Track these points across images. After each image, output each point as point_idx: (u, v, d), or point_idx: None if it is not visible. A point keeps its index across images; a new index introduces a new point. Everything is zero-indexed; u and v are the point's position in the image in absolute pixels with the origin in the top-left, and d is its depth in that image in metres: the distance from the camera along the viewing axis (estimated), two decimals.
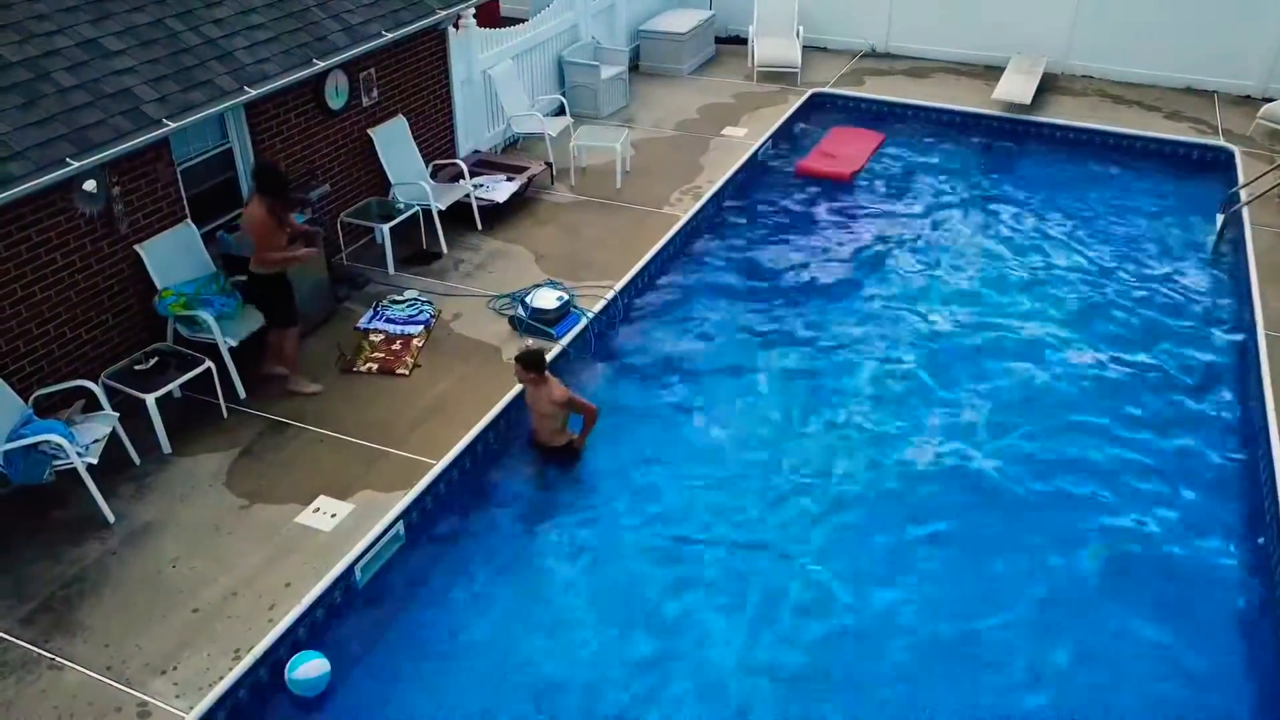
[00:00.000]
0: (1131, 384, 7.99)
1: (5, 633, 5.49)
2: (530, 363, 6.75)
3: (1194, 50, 12.79)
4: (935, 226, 10.35)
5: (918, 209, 10.69)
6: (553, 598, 6.15)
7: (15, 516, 6.19)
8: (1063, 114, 12.38)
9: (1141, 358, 8.29)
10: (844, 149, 11.77)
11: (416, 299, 8.46)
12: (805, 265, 9.67)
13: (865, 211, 10.64)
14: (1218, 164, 11.40)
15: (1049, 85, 13.07)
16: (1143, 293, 9.20)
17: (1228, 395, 7.88)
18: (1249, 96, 12.71)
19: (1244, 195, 10.13)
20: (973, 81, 13.35)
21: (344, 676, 5.51)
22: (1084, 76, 13.50)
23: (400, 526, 6.29)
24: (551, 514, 6.77)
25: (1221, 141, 11.61)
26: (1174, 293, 9.20)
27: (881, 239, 10.09)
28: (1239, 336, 8.51)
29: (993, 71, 13.38)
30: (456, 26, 9.95)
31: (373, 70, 8.99)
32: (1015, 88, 12.43)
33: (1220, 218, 10.13)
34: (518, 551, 6.46)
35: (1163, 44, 12.89)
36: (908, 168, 11.59)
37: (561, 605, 6.10)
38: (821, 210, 10.69)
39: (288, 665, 5.42)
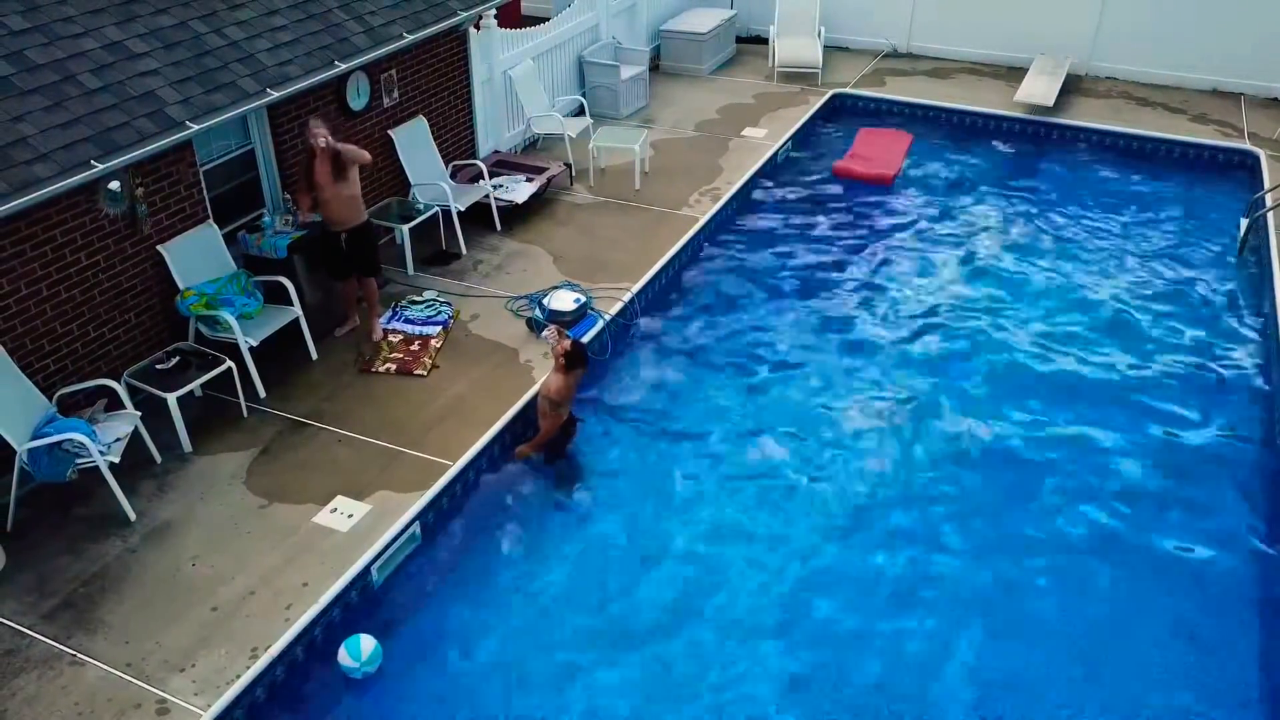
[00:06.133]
0: (1152, 389, 7.94)
1: (28, 628, 5.58)
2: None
3: (1220, 52, 12.64)
4: (965, 229, 10.29)
5: (946, 211, 10.63)
6: (571, 597, 6.18)
7: (38, 513, 6.28)
8: (1086, 116, 12.28)
9: (1163, 362, 8.24)
10: (877, 151, 11.68)
11: (435, 299, 8.50)
12: (834, 267, 9.66)
13: (907, 215, 10.58)
14: (1243, 167, 11.27)
15: (1073, 87, 12.97)
16: (1165, 298, 9.13)
17: (1250, 403, 7.81)
18: (1276, 99, 12.56)
19: (1269, 200, 10.01)
20: (995, 82, 13.26)
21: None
22: (1108, 78, 13.39)
23: (416, 527, 6.34)
24: (566, 512, 6.81)
25: (1247, 145, 11.49)
26: (1197, 299, 9.12)
27: (923, 242, 10.07)
28: (1263, 343, 8.43)
29: (1016, 73, 13.28)
30: (477, 27, 9.99)
31: (394, 71, 9.04)
32: (1038, 89, 12.34)
33: (1244, 222, 10.02)
34: (534, 550, 6.49)
35: (1188, 45, 12.75)
36: (932, 170, 11.52)
37: (580, 604, 6.13)
38: (865, 214, 10.61)
39: (347, 656, 5.46)
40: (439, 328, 8.15)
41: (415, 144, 9.40)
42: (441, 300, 8.51)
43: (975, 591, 6.21)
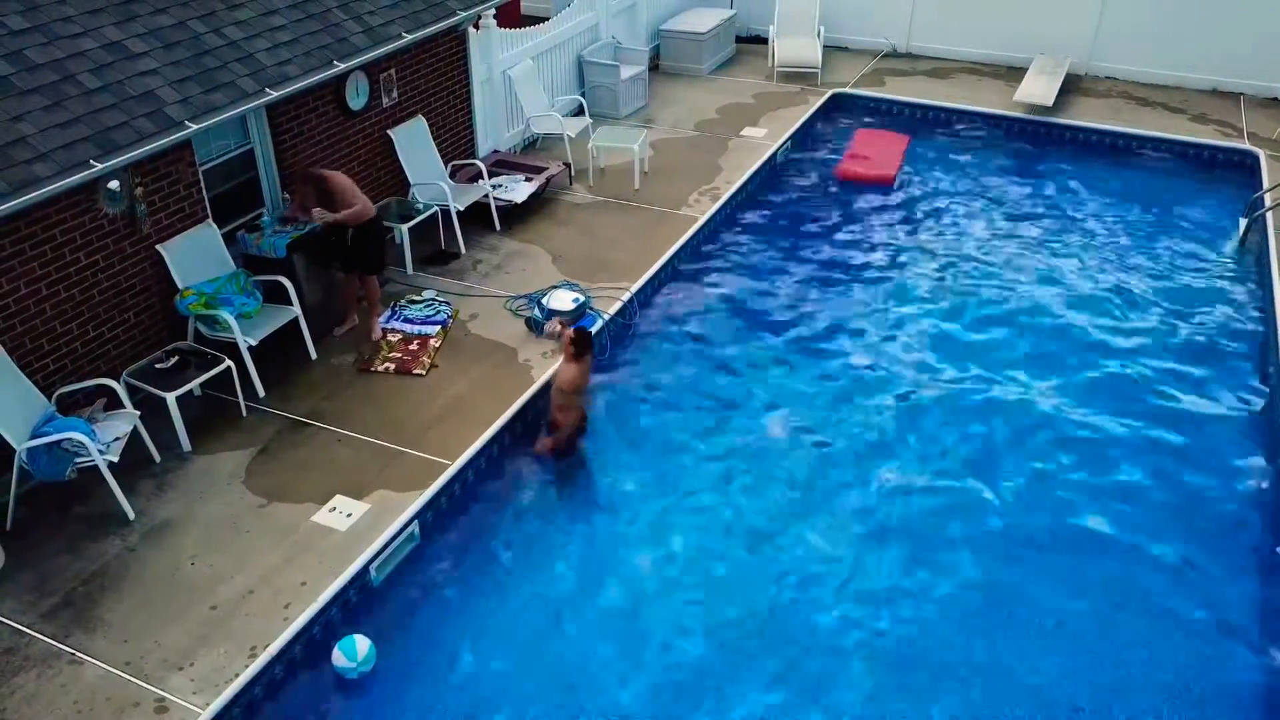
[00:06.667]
0: (1151, 388, 7.94)
1: (27, 627, 5.59)
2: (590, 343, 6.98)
3: (1220, 52, 12.65)
4: (965, 229, 10.30)
5: (947, 212, 10.63)
6: (569, 595, 6.19)
7: (38, 512, 6.29)
8: (1086, 116, 12.29)
9: (1162, 363, 8.24)
10: (876, 151, 11.67)
11: (434, 299, 8.51)
12: (836, 267, 9.66)
13: (908, 215, 10.58)
14: (1243, 167, 11.28)
15: (1072, 87, 12.97)
16: (1164, 298, 9.13)
17: (1249, 405, 7.81)
18: (1276, 99, 12.57)
19: (1268, 200, 10.02)
20: (995, 82, 13.27)
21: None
22: (1108, 78, 13.39)
23: (415, 526, 6.35)
24: (566, 511, 6.83)
25: (1246, 145, 11.50)
26: (1195, 299, 9.12)
27: (925, 242, 10.07)
28: (1263, 342, 8.43)
29: (1015, 72, 13.29)
30: (476, 27, 9.99)
31: (393, 71, 9.04)
32: (1037, 89, 12.35)
33: (1244, 222, 10.03)
34: (533, 549, 6.50)
35: (1188, 45, 12.76)
36: (932, 170, 11.52)
37: (578, 603, 6.14)
38: (866, 214, 10.61)
39: (342, 656, 5.47)
40: (438, 327, 8.16)
41: (414, 144, 9.40)
42: (440, 300, 8.52)
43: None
